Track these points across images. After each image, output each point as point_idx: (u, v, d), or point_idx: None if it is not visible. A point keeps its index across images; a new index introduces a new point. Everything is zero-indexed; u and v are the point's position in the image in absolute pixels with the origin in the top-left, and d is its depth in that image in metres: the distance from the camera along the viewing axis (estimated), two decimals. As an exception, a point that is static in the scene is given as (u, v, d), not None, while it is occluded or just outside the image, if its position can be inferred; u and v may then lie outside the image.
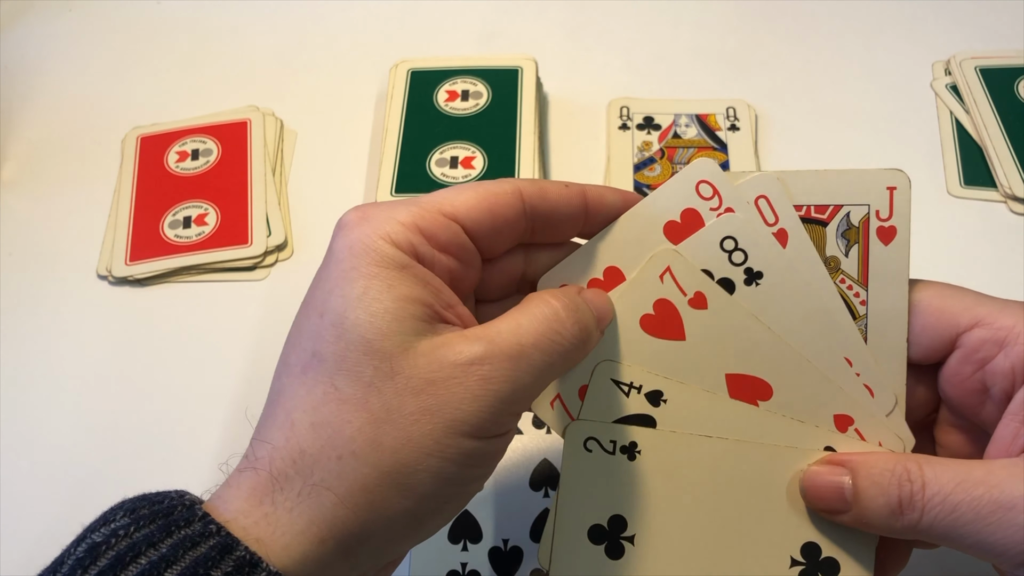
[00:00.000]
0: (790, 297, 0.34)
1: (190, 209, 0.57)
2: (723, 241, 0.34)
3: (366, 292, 0.29)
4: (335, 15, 0.68)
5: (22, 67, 0.66)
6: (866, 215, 0.34)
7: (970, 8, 0.66)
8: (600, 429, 0.35)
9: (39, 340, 0.53)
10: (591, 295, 0.34)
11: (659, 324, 0.35)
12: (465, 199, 0.32)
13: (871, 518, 0.32)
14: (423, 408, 0.28)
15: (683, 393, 0.34)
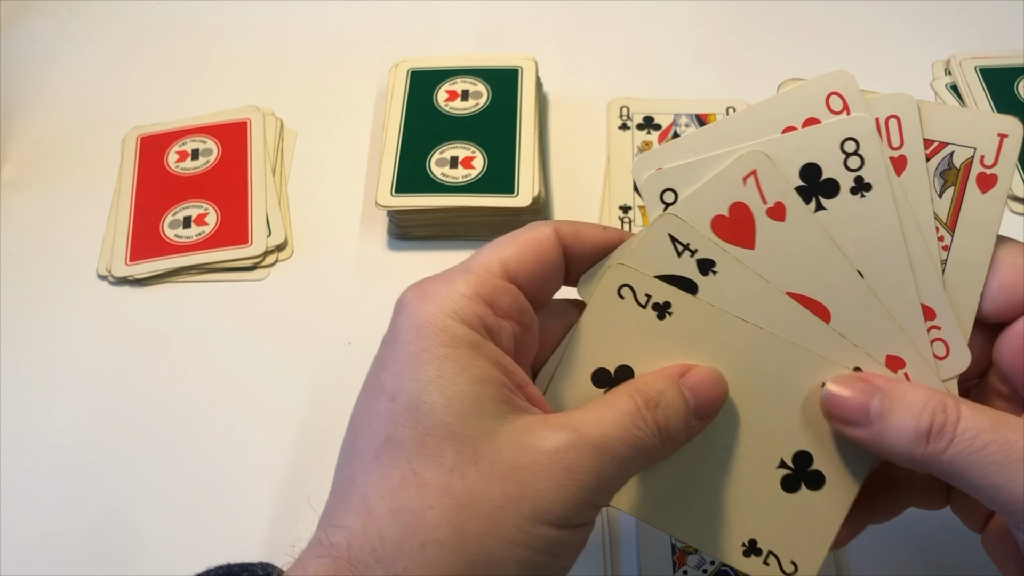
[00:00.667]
0: (886, 227, 0.33)
1: (190, 209, 0.57)
2: (844, 142, 0.33)
3: (441, 375, 0.28)
4: (335, 15, 0.68)
5: (22, 67, 0.66)
6: (970, 158, 0.33)
7: (970, 8, 0.66)
8: (640, 279, 0.33)
9: (39, 340, 0.53)
10: (696, 380, 0.32)
11: (730, 228, 0.33)
12: (511, 251, 0.32)
13: (891, 439, 0.30)
14: (508, 495, 0.27)
15: (736, 270, 0.33)
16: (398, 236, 0.56)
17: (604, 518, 0.45)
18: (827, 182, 0.33)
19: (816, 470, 0.34)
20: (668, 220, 0.33)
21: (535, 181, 0.54)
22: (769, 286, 0.33)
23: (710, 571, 0.43)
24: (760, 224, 0.33)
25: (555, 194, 0.58)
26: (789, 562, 0.34)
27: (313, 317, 0.53)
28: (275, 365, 0.51)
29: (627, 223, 0.55)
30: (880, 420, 0.31)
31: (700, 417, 0.32)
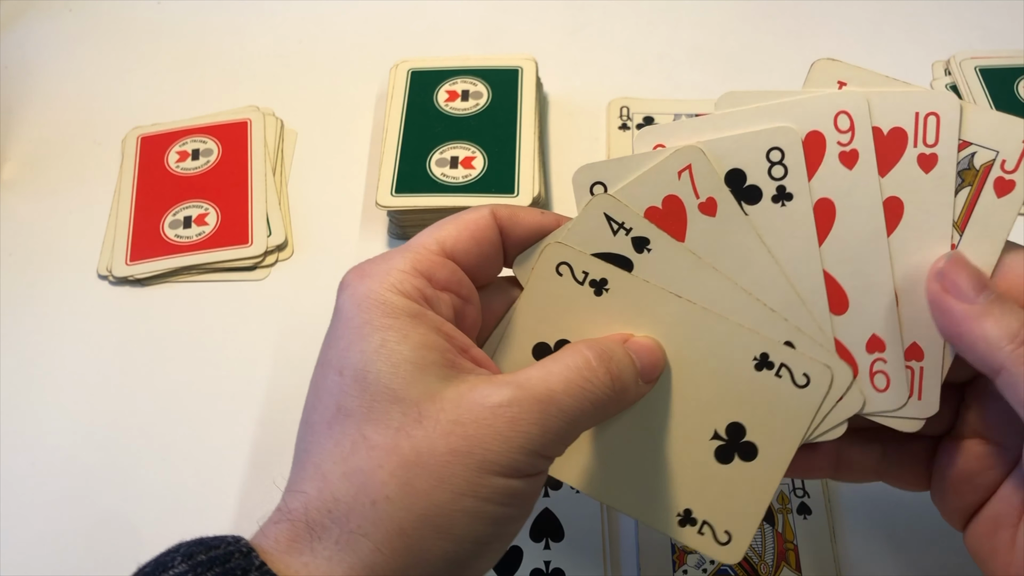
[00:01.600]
0: (804, 238, 0.34)
1: (190, 209, 0.57)
2: (770, 151, 0.34)
3: (383, 344, 0.30)
4: (335, 15, 0.68)
5: (22, 67, 0.66)
6: (991, 161, 0.33)
7: (970, 8, 0.66)
8: (577, 257, 0.35)
9: (39, 340, 0.53)
10: (639, 345, 0.34)
11: (662, 220, 0.34)
12: (449, 233, 0.33)
13: (989, 325, 0.30)
14: (453, 449, 0.28)
15: (669, 247, 0.34)
16: (398, 236, 0.56)
17: (604, 518, 0.45)
18: (750, 188, 0.34)
19: (749, 441, 0.34)
20: (603, 200, 0.35)
21: (535, 181, 0.54)
22: (701, 262, 0.34)
23: (710, 571, 0.43)
24: (692, 218, 0.34)
25: (555, 194, 0.58)
26: (723, 531, 0.35)
27: (313, 317, 0.53)
28: (275, 365, 0.51)
29: (627, 223, 0.55)
30: (988, 304, 0.31)
31: (644, 380, 0.34)
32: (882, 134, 0.34)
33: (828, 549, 0.44)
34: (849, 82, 0.35)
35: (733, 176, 0.34)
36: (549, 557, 0.44)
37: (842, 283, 0.34)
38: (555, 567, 0.44)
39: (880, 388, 0.34)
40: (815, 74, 0.36)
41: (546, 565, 0.44)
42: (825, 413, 0.34)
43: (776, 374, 0.34)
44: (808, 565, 0.43)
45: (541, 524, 0.45)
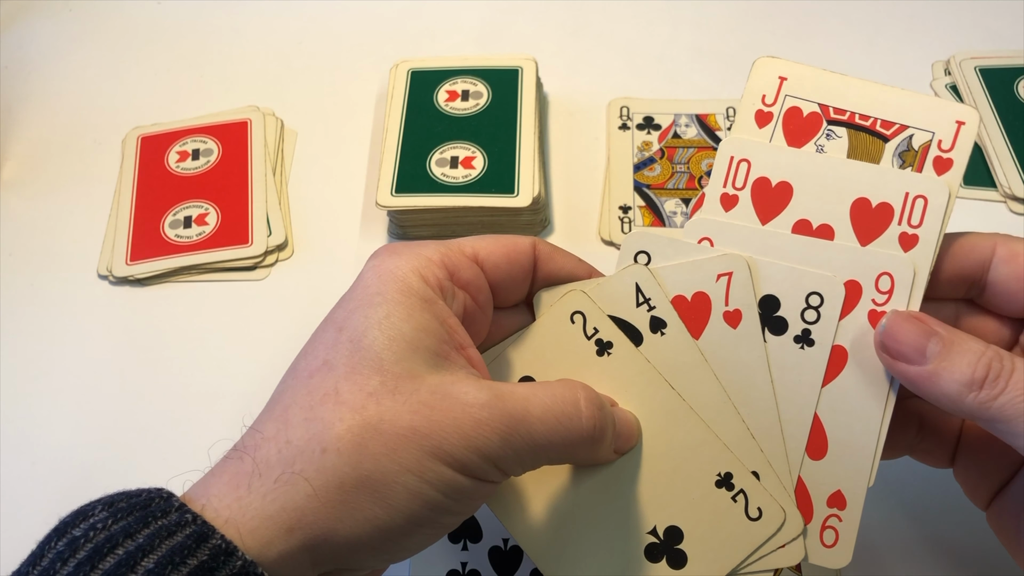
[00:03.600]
0: (810, 385, 0.35)
1: (190, 209, 0.57)
2: (810, 295, 0.34)
3: (388, 316, 0.31)
4: (335, 15, 0.68)
5: (22, 67, 0.66)
6: (928, 141, 0.34)
7: (970, 8, 0.66)
8: (594, 312, 0.35)
9: (40, 340, 0.53)
10: (621, 413, 0.35)
11: (686, 311, 0.35)
12: (486, 243, 0.34)
13: (944, 381, 0.31)
14: (413, 427, 0.29)
15: (682, 339, 0.35)
16: (398, 236, 0.56)
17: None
18: (779, 319, 0.35)
19: (681, 550, 0.34)
20: (639, 271, 0.35)
21: (535, 181, 0.54)
22: (705, 364, 0.35)
23: None
24: (713, 321, 0.35)
25: (555, 194, 0.58)
26: None
27: (313, 317, 0.53)
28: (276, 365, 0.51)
29: (627, 223, 0.55)
30: (936, 361, 0.32)
31: (619, 447, 0.34)
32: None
33: (828, 549, 0.44)
34: (790, 78, 0.36)
35: (767, 301, 0.35)
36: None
37: (828, 431, 0.35)
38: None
39: (827, 543, 0.35)
40: (757, 71, 0.36)
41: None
42: (762, 554, 0.34)
43: (732, 498, 0.34)
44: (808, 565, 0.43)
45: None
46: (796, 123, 0.36)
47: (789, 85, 0.36)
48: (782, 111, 0.36)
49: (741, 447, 0.34)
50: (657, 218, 0.56)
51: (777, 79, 0.36)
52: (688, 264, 0.35)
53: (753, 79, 0.36)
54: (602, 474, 0.35)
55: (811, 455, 0.35)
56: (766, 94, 0.36)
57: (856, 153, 0.35)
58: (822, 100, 0.36)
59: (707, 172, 0.57)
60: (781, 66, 0.36)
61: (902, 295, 0.34)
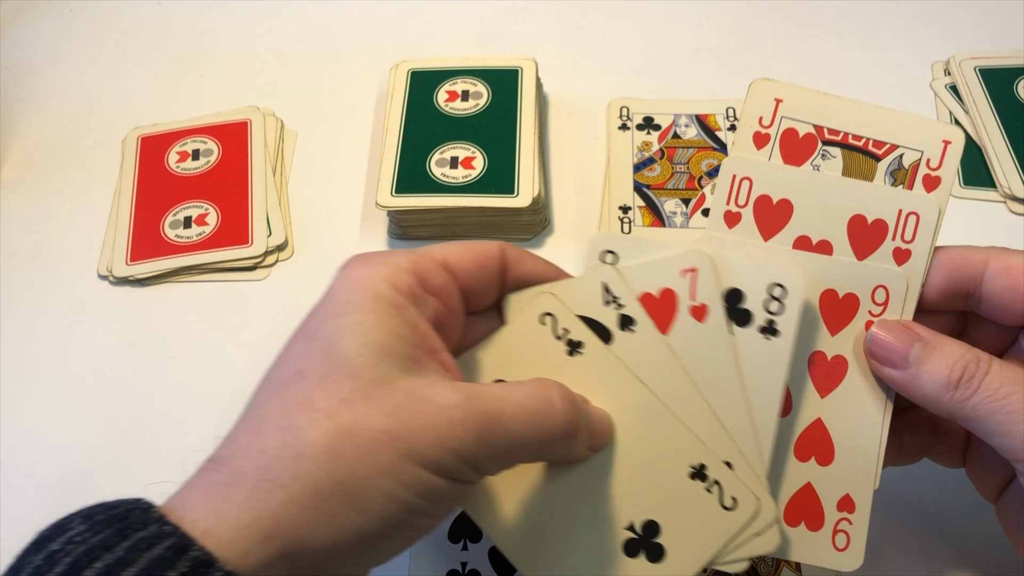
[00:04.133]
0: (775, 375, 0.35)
1: (191, 209, 0.57)
2: (773, 287, 0.35)
3: (359, 324, 0.31)
4: (335, 15, 0.68)
5: (22, 67, 0.66)
6: (917, 160, 0.36)
7: (970, 8, 0.66)
8: (563, 313, 0.36)
9: (40, 340, 0.53)
10: (596, 410, 0.35)
11: (653, 308, 0.36)
12: (456, 250, 0.35)
13: (924, 382, 0.34)
14: (388, 431, 0.29)
15: (650, 335, 0.35)
16: (398, 236, 0.56)
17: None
18: (743, 311, 0.35)
19: (659, 543, 0.34)
20: (607, 270, 0.36)
21: (535, 181, 0.54)
22: (674, 359, 0.35)
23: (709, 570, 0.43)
24: (680, 316, 0.35)
25: (555, 194, 0.58)
26: None
27: (313, 317, 0.53)
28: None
29: (627, 223, 0.55)
30: (917, 364, 0.34)
31: (593, 444, 0.34)
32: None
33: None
34: (785, 100, 0.37)
35: (732, 294, 0.35)
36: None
37: (833, 437, 0.36)
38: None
39: (840, 547, 0.36)
40: (753, 93, 0.38)
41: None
42: (739, 544, 0.34)
43: (707, 488, 0.34)
44: (808, 565, 0.43)
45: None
46: (793, 144, 0.37)
47: (785, 107, 0.37)
48: (779, 132, 0.37)
49: (713, 439, 0.34)
50: (657, 218, 0.56)
51: (773, 101, 0.38)
52: (654, 262, 0.35)
53: (750, 101, 0.38)
54: (577, 472, 0.35)
55: (819, 461, 0.36)
56: (763, 116, 0.37)
57: (850, 172, 0.37)
58: (817, 121, 0.37)
59: (707, 172, 0.57)
60: (777, 88, 0.38)
61: (896, 306, 0.36)
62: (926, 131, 0.36)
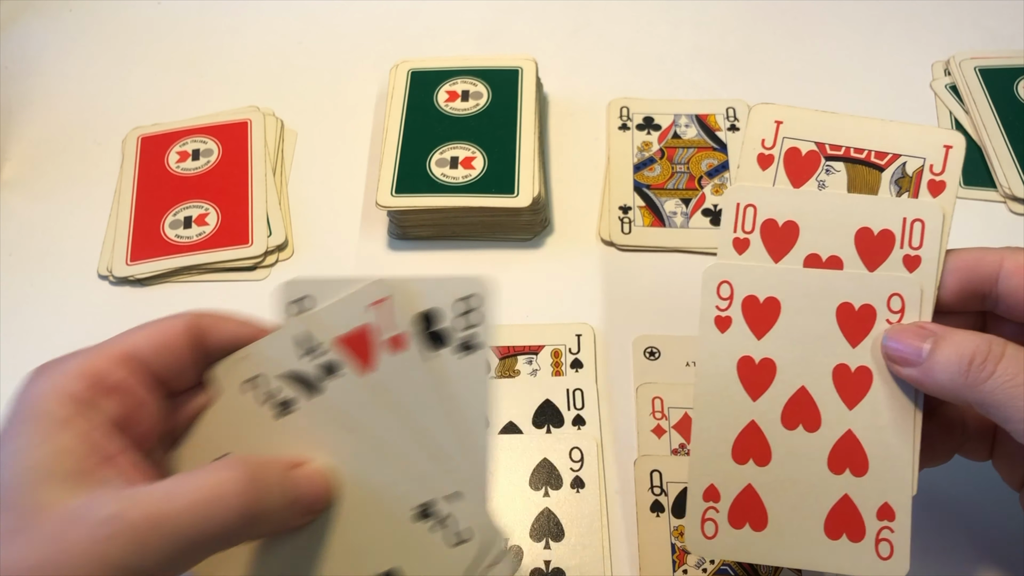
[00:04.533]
0: (477, 392, 0.35)
1: (191, 209, 0.57)
2: (461, 300, 0.34)
3: (18, 449, 0.29)
4: (335, 15, 0.68)
5: (22, 67, 0.66)
6: (920, 167, 0.37)
7: (970, 8, 0.66)
8: (266, 375, 0.35)
9: (40, 340, 0.53)
10: (305, 473, 0.33)
11: (352, 349, 0.35)
12: (137, 337, 0.33)
13: (938, 372, 0.34)
14: (43, 563, 0.27)
15: (353, 379, 0.34)
16: (398, 236, 0.56)
17: (605, 518, 0.45)
18: (438, 333, 0.34)
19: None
20: (299, 320, 0.35)
21: (535, 181, 0.54)
22: (381, 399, 0.34)
23: (710, 571, 0.43)
24: (378, 352, 0.34)
25: (555, 194, 0.58)
26: None
27: (313, 317, 0.53)
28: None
29: (627, 223, 0.55)
30: (930, 357, 0.34)
31: (303, 511, 0.33)
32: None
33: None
34: (785, 121, 0.38)
35: (423, 318, 0.35)
36: (549, 557, 0.44)
37: (866, 448, 0.36)
38: (555, 567, 0.44)
39: (883, 556, 0.36)
40: (754, 118, 0.38)
41: (546, 565, 0.44)
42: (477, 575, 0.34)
43: (435, 526, 0.34)
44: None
45: (541, 524, 0.45)
46: (796, 162, 0.38)
47: (786, 127, 0.38)
48: (782, 152, 0.38)
49: (435, 472, 0.34)
50: (657, 218, 0.56)
51: (774, 123, 0.38)
52: (341, 301, 0.35)
53: (752, 126, 0.38)
54: (304, 537, 0.34)
55: (854, 473, 0.36)
56: (765, 138, 0.38)
57: (855, 184, 0.37)
58: (818, 138, 0.38)
59: (707, 172, 0.57)
60: (776, 111, 0.38)
61: (913, 312, 0.36)
62: (926, 138, 0.37)
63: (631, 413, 0.49)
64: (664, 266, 0.54)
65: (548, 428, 0.48)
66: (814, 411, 0.37)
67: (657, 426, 0.48)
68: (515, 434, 0.48)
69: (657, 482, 0.46)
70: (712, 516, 0.37)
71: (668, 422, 0.48)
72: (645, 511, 0.45)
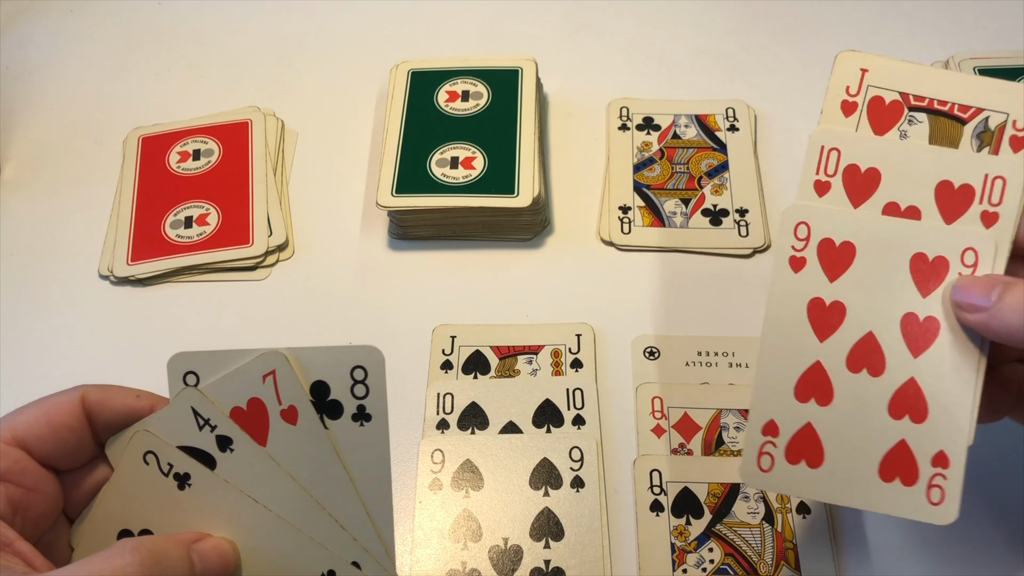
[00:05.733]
0: (377, 458, 0.35)
1: (191, 209, 0.57)
2: (354, 370, 0.34)
3: None
4: (336, 15, 0.68)
5: (23, 68, 0.66)
6: (1004, 122, 0.37)
7: (970, 8, 0.66)
8: (163, 448, 0.35)
9: (41, 340, 0.53)
10: (209, 547, 0.34)
11: (246, 420, 0.35)
12: (24, 418, 0.33)
13: (1006, 316, 0.34)
14: None
15: (250, 450, 0.34)
16: (398, 236, 0.56)
17: (605, 518, 0.45)
18: (333, 403, 0.34)
19: None
20: (191, 393, 0.34)
21: (535, 181, 0.54)
22: (279, 469, 0.34)
23: (709, 570, 0.44)
24: (274, 423, 0.34)
25: (555, 194, 0.58)
26: None
27: (314, 317, 0.53)
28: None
29: (626, 223, 0.56)
30: (999, 301, 0.35)
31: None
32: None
33: (828, 548, 0.44)
34: (871, 69, 0.39)
35: (317, 388, 0.34)
36: (549, 556, 0.44)
37: (927, 396, 0.37)
38: (555, 566, 0.44)
39: (935, 501, 0.36)
40: (840, 64, 0.39)
41: (546, 564, 0.44)
42: None
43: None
44: (807, 565, 0.44)
45: (541, 523, 0.45)
46: (880, 111, 0.38)
47: (871, 76, 0.38)
48: (866, 100, 0.38)
49: (336, 541, 0.34)
50: (657, 218, 0.56)
51: (859, 71, 0.39)
52: (233, 373, 0.34)
53: (837, 72, 0.39)
54: None
55: (913, 419, 0.37)
56: (849, 85, 0.38)
57: (937, 137, 0.38)
58: (902, 88, 0.38)
59: (707, 172, 0.58)
60: (862, 58, 0.39)
61: (986, 267, 0.36)
62: (1010, 93, 0.37)
63: (631, 413, 0.49)
64: (664, 266, 0.54)
65: (548, 428, 0.48)
66: (879, 356, 0.37)
67: (657, 426, 0.48)
68: (515, 434, 0.48)
69: (657, 481, 0.46)
70: (769, 451, 0.38)
71: (668, 422, 0.48)
72: (645, 510, 0.45)
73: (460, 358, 0.51)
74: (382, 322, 0.53)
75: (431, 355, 0.51)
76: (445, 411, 0.49)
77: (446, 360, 0.51)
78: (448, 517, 0.45)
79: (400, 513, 0.45)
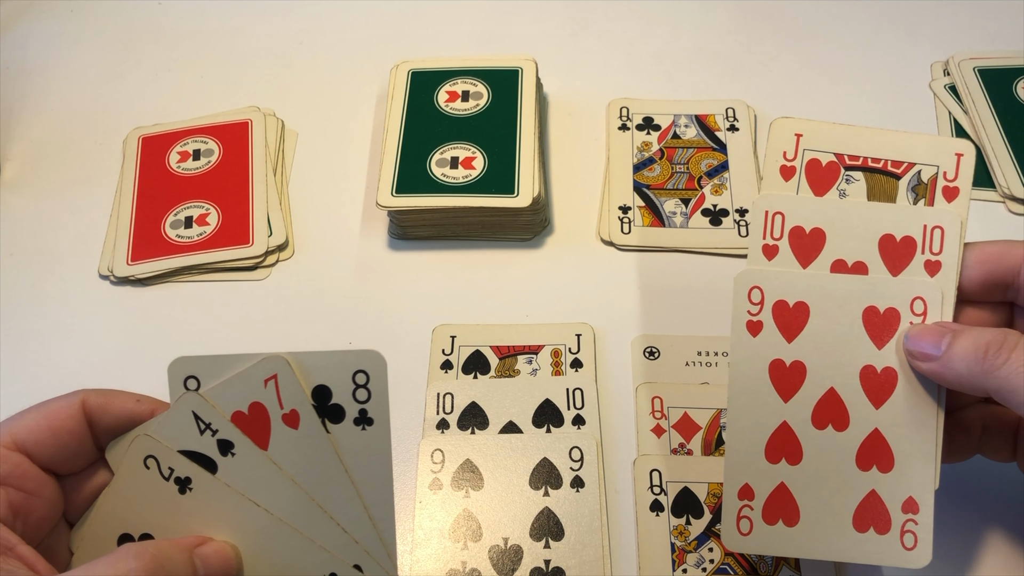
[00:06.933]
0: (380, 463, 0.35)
1: (191, 209, 0.57)
2: (356, 374, 0.34)
3: None
4: (336, 15, 0.68)
5: (23, 68, 0.66)
6: (935, 175, 0.39)
7: (969, 8, 0.66)
8: (164, 452, 0.35)
9: (41, 340, 0.53)
10: (211, 551, 0.34)
11: (247, 425, 0.35)
12: (25, 423, 0.33)
13: (956, 362, 0.35)
14: None
15: (251, 454, 0.35)
16: (399, 236, 0.56)
17: (605, 518, 0.45)
18: (334, 407, 0.35)
19: None
20: (192, 398, 0.35)
21: (535, 181, 0.54)
22: (280, 473, 0.35)
23: (709, 570, 0.44)
24: (275, 427, 0.35)
25: (555, 194, 0.58)
26: None
27: (314, 317, 0.53)
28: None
29: (626, 223, 0.56)
30: (949, 349, 0.36)
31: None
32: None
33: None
34: (805, 134, 0.40)
35: (319, 392, 0.35)
36: (549, 556, 0.44)
37: (891, 444, 0.38)
38: (555, 566, 0.44)
39: (908, 546, 0.38)
40: (775, 131, 0.40)
41: (546, 564, 0.44)
42: None
43: None
44: (808, 565, 0.44)
45: (541, 523, 0.45)
46: (817, 173, 0.39)
47: (805, 140, 0.40)
48: (803, 164, 0.40)
49: (338, 545, 0.34)
50: (656, 218, 0.56)
51: (794, 136, 0.40)
52: (234, 378, 0.35)
53: (772, 138, 0.40)
54: None
55: (880, 469, 0.38)
56: (786, 150, 0.40)
57: (874, 193, 0.39)
58: (837, 150, 0.40)
59: (707, 172, 0.58)
60: (795, 124, 0.40)
61: (935, 314, 0.38)
62: (939, 147, 0.39)
63: (631, 413, 0.49)
64: (664, 266, 0.54)
65: (548, 428, 0.48)
66: (843, 411, 0.38)
67: (657, 425, 0.48)
68: (515, 434, 0.48)
69: (657, 481, 0.46)
70: (747, 514, 0.38)
71: (668, 422, 0.48)
72: (645, 510, 0.45)
73: (460, 358, 0.51)
74: (382, 322, 0.53)
75: (431, 355, 0.51)
76: (445, 411, 0.49)
77: (446, 360, 0.51)
78: (448, 517, 0.45)
79: (400, 513, 0.45)
